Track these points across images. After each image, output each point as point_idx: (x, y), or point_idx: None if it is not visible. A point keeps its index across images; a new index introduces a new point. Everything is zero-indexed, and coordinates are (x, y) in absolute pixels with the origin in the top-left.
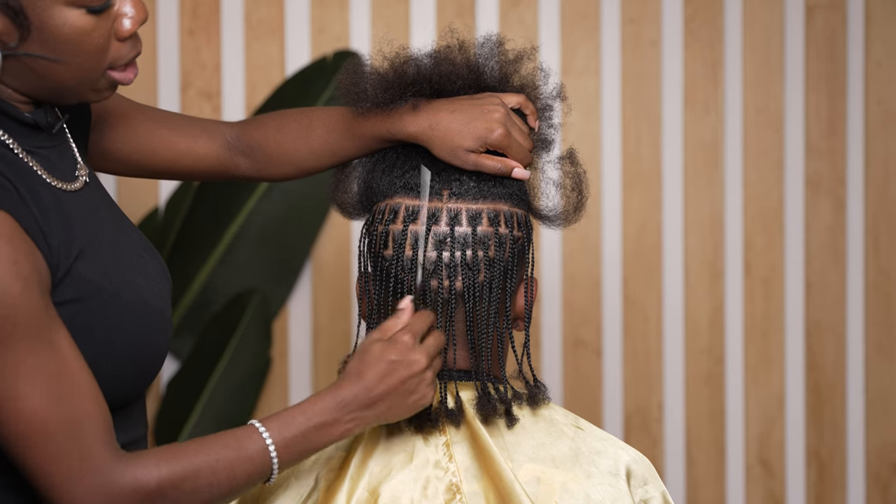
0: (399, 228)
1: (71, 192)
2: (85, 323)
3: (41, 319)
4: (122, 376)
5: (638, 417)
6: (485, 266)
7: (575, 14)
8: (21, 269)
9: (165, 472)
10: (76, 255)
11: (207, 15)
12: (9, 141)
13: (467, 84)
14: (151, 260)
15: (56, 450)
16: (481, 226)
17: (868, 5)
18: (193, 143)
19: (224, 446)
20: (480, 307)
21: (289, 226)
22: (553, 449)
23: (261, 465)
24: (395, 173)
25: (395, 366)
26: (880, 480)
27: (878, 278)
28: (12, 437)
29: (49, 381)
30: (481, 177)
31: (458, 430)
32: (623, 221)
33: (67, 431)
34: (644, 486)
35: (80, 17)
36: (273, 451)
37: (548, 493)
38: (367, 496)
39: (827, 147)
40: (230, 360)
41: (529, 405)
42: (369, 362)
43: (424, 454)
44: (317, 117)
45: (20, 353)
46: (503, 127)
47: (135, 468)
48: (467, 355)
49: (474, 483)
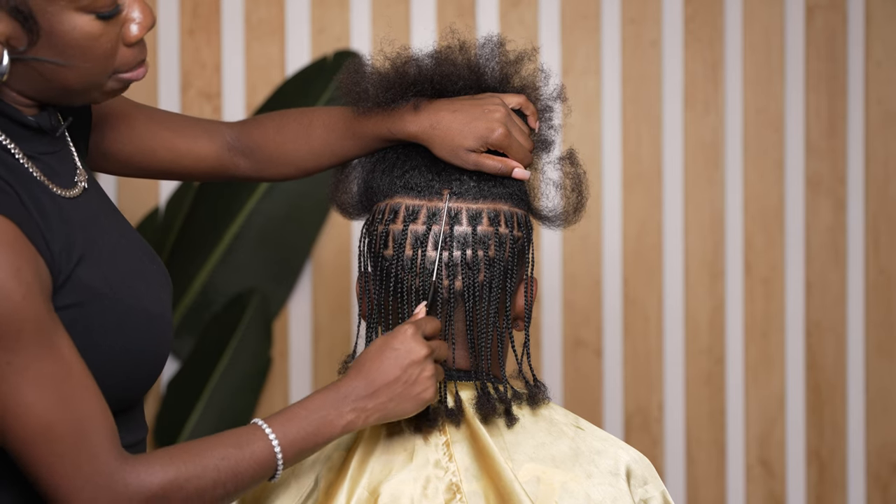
0: (399, 228)
1: (70, 198)
2: (85, 328)
3: (44, 325)
4: (123, 380)
5: (638, 417)
6: (485, 266)
7: (575, 14)
8: (24, 276)
9: (171, 473)
10: (77, 260)
11: (207, 15)
12: (11, 146)
13: (468, 84)
14: (151, 264)
15: (62, 454)
16: (481, 225)
17: (868, 5)
18: (194, 144)
19: (228, 446)
20: (480, 307)
21: (289, 226)
22: (553, 449)
23: (266, 463)
24: (395, 173)
25: (395, 353)
26: (880, 480)
27: (878, 278)
28: (18, 443)
29: (53, 387)
30: (482, 177)
31: (458, 429)
32: (623, 221)
33: (73, 436)
34: (644, 486)
35: (89, 22)
36: (278, 450)
37: (548, 493)
38: (367, 496)
39: (827, 147)
40: (230, 361)
41: (529, 405)
42: (371, 355)
43: (424, 454)
44: (317, 117)
45: (24, 359)
46: (504, 127)
47: (140, 470)
48: (467, 355)
49: (474, 482)
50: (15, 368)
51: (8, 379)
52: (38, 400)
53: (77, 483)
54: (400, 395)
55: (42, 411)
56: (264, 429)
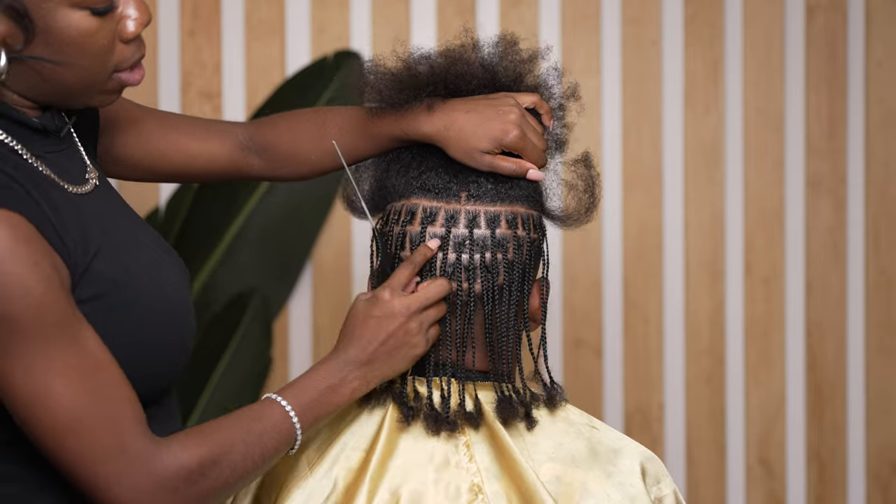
0: (417, 230)
1: (82, 194)
2: (107, 320)
3: (67, 317)
4: (146, 371)
5: (638, 417)
6: (504, 268)
7: (575, 14)
8: (42, 270)
9: (205, 450)
10: (94, 253)
11: (208, 15)
12: (17, 146)
13: (483, 84)
14: (167, 256)
15: (95, 444)
16: (500, 228)
17: (869, 5)
18: (205, 145)
19: (250, 420)
20: (500, 309)
21: (289, 226)
22: (572, 448)
23: (286, 432)
24: (411, 174)
25: (378, 321)
26: (881, 480)
27: (878, 278)
28: (50, 437)
29: (80, 377)
30: (498, 178)
31: (477, 430)
32: (623, 221)
33: (104, 425)
34: (658, 485)
35: (84, 18)
36: (294, 417)
37: (568, 493)
38: (388, 497)
39: (827, 147)
40: (230, 361)
41: (547, 406)
42: (357, 323)
43: (444, 455)
44: (330, 117)
45: (50, 352)
46: (519, 128)
47: (175, 450)
48: (485, 357)
49: (495, 483)
50: (41, 361)
51: (35, 371)
52: (67, 391)
53: (115, 471)
54: (394, 356)
55: (70, 402)
56: (278, 400)
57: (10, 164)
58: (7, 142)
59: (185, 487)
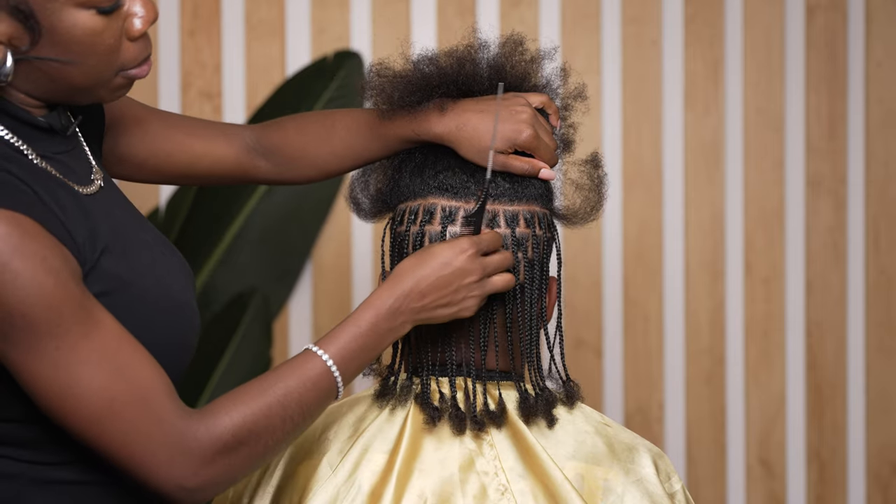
0: (437, 229)
1: (88, 195)
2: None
3: (83, 305)
4: None
5: (638, 417)
6: (525, 267)
7: (576, 14)
8: (51, 264)
9: (238, 418)
10: (101, 250)
11: (208, 15)
12: (23, 147)
13: (492, 84)
14: (172, 256)
15: (129, 425)
16: (519, 227)
17: (869, 5)
18: (211, 146)
19: (286, 377)
20: (522, 308)
21: (289, 226)
22: (592, 446)
23: (326, 385)
24: (426, 174)
25: (450, 269)
26: (881, 480)
27: (878, 278)
28: (84, 424)
29: (106, 360)
30: (514, 178)
31: (500, 430)
32: (623, 221)
33: (136, 405)
34: (669, 481)
35: (90, 17)
36: (334, 368)
37: (592, 490)
38: (415, 499)
39: (827, 147)
40: (231, 361)
41: (564, 404)
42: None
43: (469, 455)
44: (339, 119)
45: (72, 341)
46: (531, 128)
47: (208, 422)
48: (506, 356)
49: (521, 482)
50: (64, 352)
51: (60, 364)
52: (95, 376)
53: (151, 449)
54: (441, 306)
55: (100, 387)
56: (316, 351)
57: (16, 164)
58: (13, 142)
59: (223, 458)
